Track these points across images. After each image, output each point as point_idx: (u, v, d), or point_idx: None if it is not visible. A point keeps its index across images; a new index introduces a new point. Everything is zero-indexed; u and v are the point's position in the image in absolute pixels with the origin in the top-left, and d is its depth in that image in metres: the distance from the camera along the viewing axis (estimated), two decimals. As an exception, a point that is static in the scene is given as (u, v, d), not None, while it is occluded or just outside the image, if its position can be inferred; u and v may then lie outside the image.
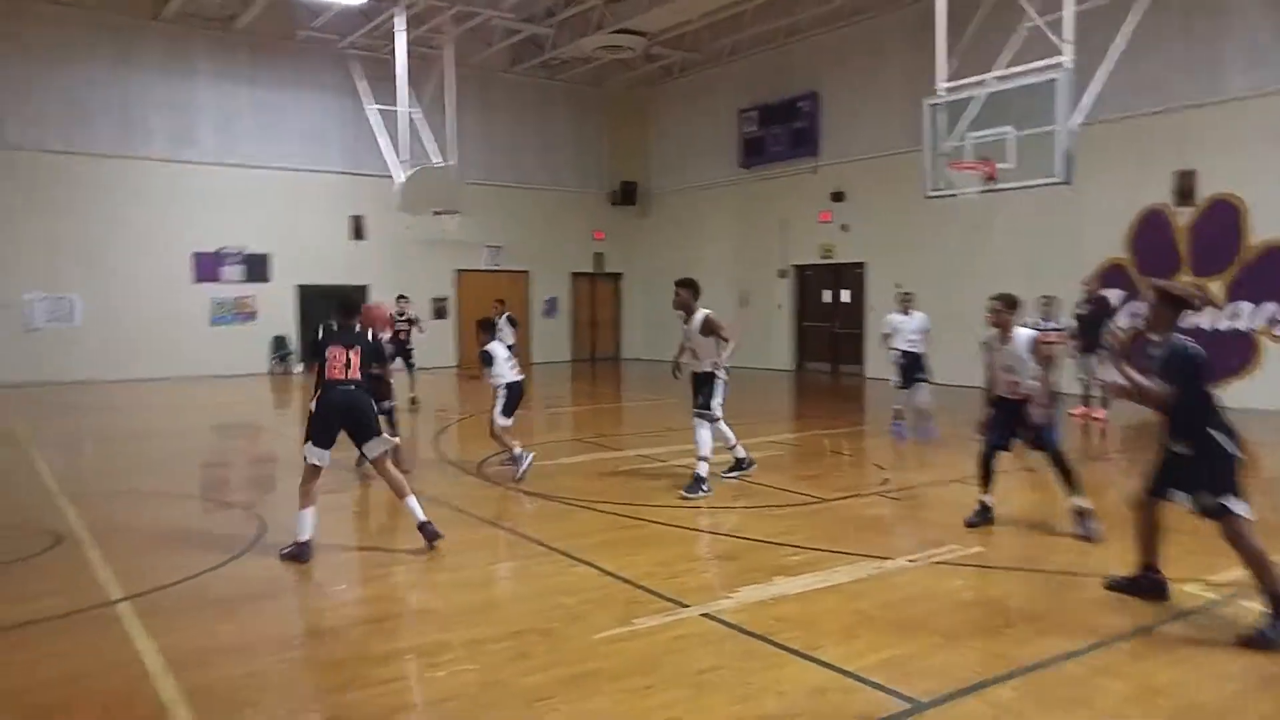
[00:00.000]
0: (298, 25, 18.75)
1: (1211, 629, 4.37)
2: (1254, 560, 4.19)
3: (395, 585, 5.36)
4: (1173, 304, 4.53)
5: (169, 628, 4.45)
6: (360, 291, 19.92)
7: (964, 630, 4.39)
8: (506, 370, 8.22)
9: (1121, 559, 5.04)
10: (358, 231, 20.00)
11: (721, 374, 7.52)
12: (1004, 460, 6.55)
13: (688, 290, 7.56)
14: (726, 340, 7.45)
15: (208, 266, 18.77)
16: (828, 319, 19.91)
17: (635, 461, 8.68)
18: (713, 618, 4.56)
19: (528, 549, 5.92)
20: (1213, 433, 4.26)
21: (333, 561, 5.84)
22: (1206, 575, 5.05)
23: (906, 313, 10.34)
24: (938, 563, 5.55)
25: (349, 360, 5.88)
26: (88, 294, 17.51)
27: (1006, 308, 6.32)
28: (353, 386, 5.88)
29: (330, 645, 4.37)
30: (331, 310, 6.23)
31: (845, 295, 19.45)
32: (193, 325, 18.48)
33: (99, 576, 5.31)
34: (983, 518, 6.33)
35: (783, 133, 20.14)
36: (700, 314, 7.50)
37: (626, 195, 23.85)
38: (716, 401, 7.51)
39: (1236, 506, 4.18)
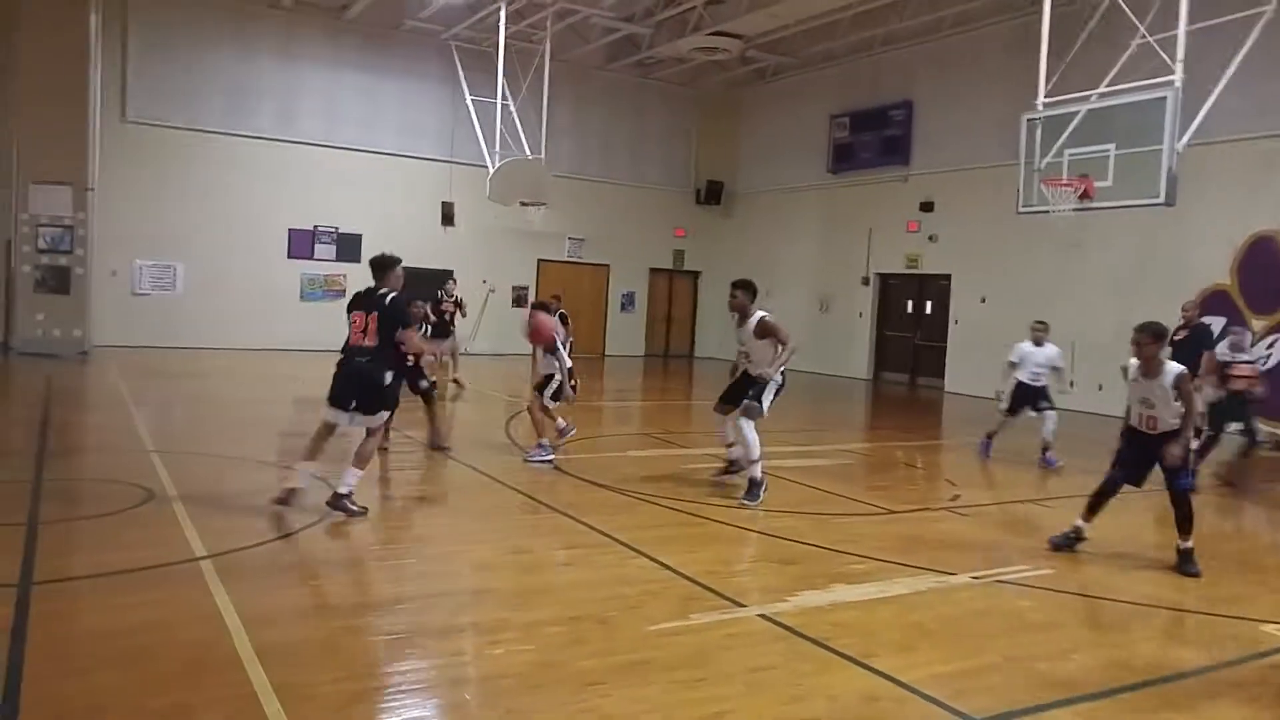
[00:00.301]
0: (405, 16, 19.32)
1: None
2: None
3: (462, 564, 5.50)
4: None
5: (245, 587, 4.65)
6: (445, 275, 20.56)
7: (1024, 652, 4.32)
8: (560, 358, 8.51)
9: (1197, 593, 4.87)
10: (447, 217, 20.48)
11: (777, 377, 7.31)
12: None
13: (745, 292, 7.40)
14: (785, 343, 7.23)
15: (302, 243, 19.49)
16: (909, 329, 19.58)
17: (702, 460, 8.71)
18: (769, 619, 4.58)
19: (591, 538, 6.00)
20: None
21: (402, 536, 6.06)
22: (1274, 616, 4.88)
23: (1039, 344, 9.90)
24: (1003, 582, 5.46)
25: (367, 326, 5.98)
26: (189, 263, 18.35)
27: (1152, 340, 5.95)
28: (366, 359, 5.99)
29: (394, 616, 4.50)
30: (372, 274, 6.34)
31: (928, 306, 19.11)
32: (285, 299, 19.16)
33: (186, 533, 5.57)
34: (1069, 541, 6.15)
35: (873, 140, 19.90)
36: (756, 316, 7.31)
37: (712, 194, 23.86)
38: (768, 401, 7.26)
39: None
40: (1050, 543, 6.15)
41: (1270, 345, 13.19)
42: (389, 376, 6.14)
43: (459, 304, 14.15)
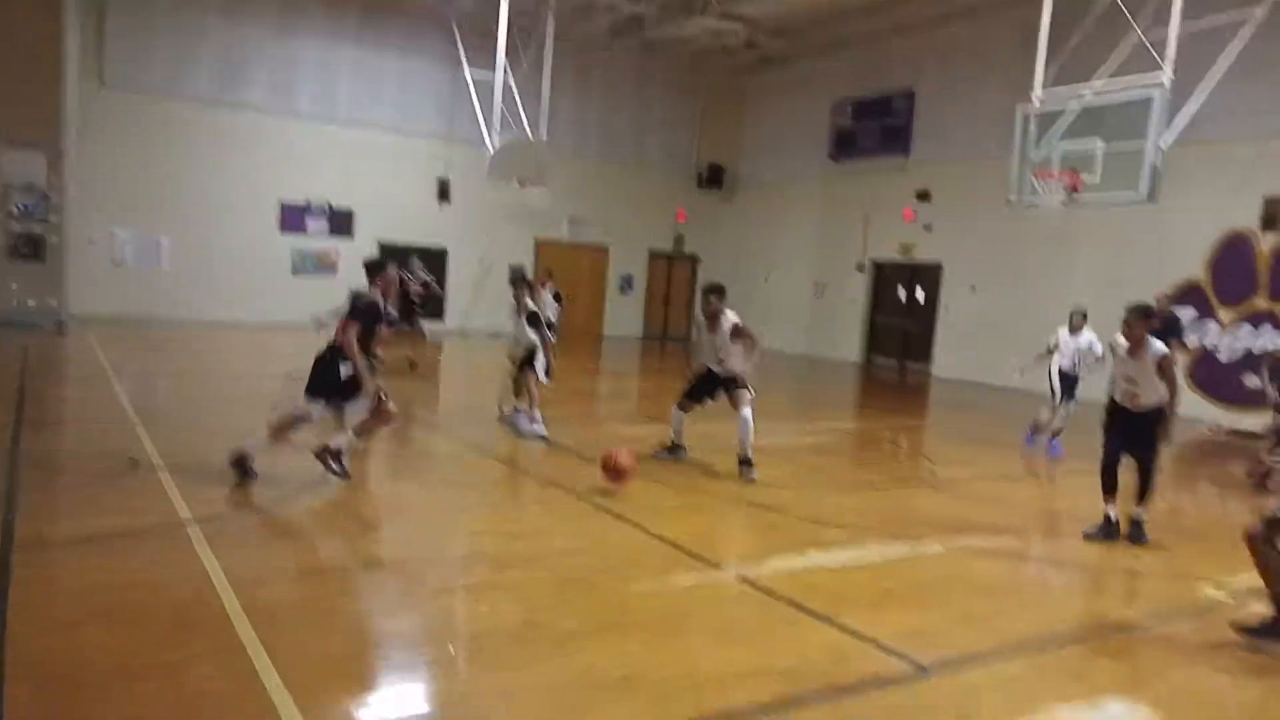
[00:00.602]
0: (406, -11, 19.21)
1: (1220, 627, 4.48)
2: (1270, 570, 4.24)
3: (451, 530, 5.70)
4: None
5: (232, 550, 4.71)
6: (440, 254, 20.74)
7: (982, 610, 4.61)
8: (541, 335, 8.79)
9: (1145, 559, 5.13)
10: (443, 194, 20.47)
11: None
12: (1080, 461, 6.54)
13: (719, 296, 7.59)
14: (758, 343, 7.51)
15: (294, 218, 19.28)
16: (900, 316, 19.83)
17: (693, 438, 8.95)
18: (747, 581, 4.83)
19: (579, 507, 6.22)
20: None
21: (392, 504, 6.27)
22: (1220, 575, 5.20)
23: (1075, 331, 9.66)
24: (969, 549, 5.74)
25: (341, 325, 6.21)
26: (175, 236, 18.09)
27: (1140, 320, 6.12)
28: (328, 355, 6.20)
29: (380, 576, 4.68)
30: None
31: (920, 294, 19.37)
32: (275, 274, 18.90)
33: (173, 500, 5.57)
34: (1104, 533, 6.11)
35: (875, 128, 20.04)
36: (729, 320, 7.55)
37: (713, 178, 23.96)
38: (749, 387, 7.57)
39: None
40: (1084, 535, 6.14)
41: (1235, 335, 13.60)
42: (344, 369, 6.19)
43: (427, 286, 13.91)
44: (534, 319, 8.81)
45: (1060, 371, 9.64)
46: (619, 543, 5.46)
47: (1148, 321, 6.15)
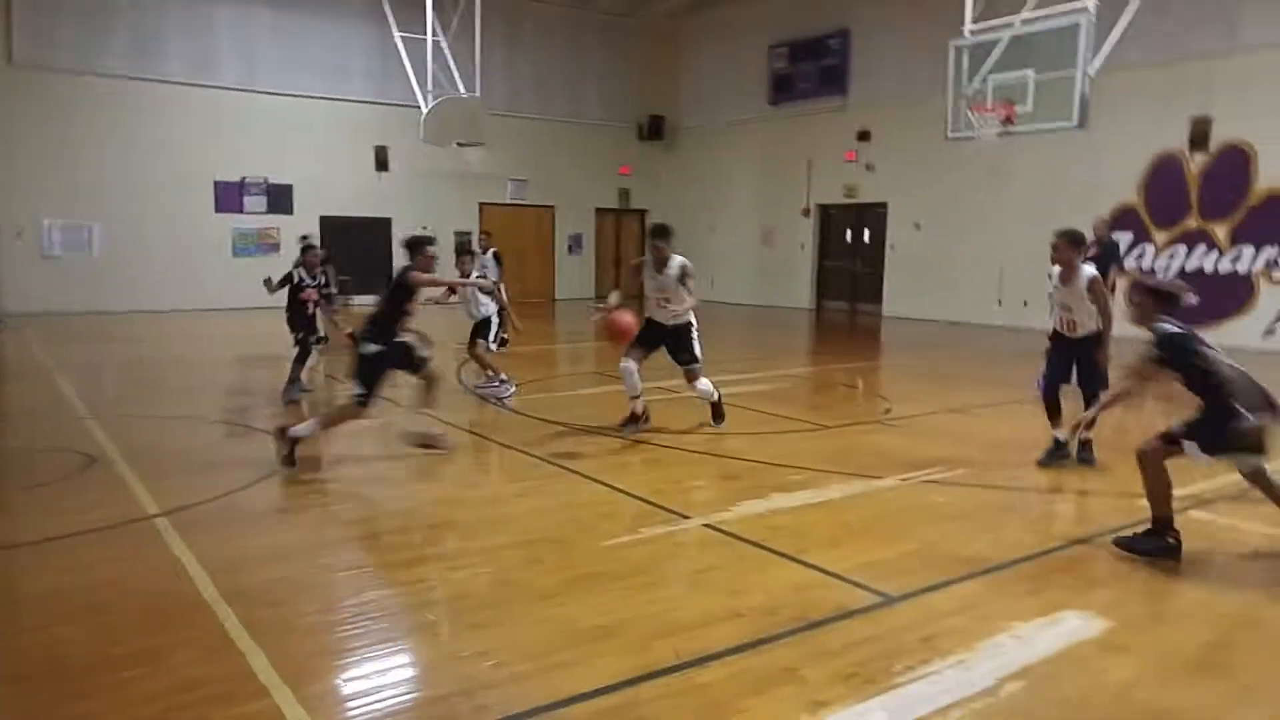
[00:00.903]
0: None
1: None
2: (1157, 486, 4.45)
3: (420, 500, 5.75)
4: (1159, 299, 4.58)
5: (205, 539, 4.69)
6: (384, 224, 20.39)
7: (938, 539, 4.81)
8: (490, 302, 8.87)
9: (1093, 479, 5.37)
10: (381, 162, 20.03)
11: (692, 318, 7.38)
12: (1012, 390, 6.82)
13: (666, 240, 7.19)
14: (691, 291, 7.23)
15: (230, 197, 18.80)
16: (848, 258, 20.07)
17: (651, 393, 9.06)
18: (712, 527, 4.97)
19: (544, 469, 6.29)
20: (1235, 403, 4.29)
21: (359, 479, 6.28)
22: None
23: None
24: (925, 482, 5.96)
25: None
26: (106, 222, 17.52)
27: (1068, 245, 6.13)
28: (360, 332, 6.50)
29: (355, 553, 4.73)
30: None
31: (866, 235, 19.60)
32: (215, 256, 18.43)
33: (135, 494, 5.51)
34: (1054, 457, 6.27)
35: (812, 70, 20.07)
36: (677, 261, 7.20)
37: (654, 130, 23.79)
38: (699, 348, 7.37)
39: (1200, 456, 4.36)
40: (1038, 463, 6.29)
41: (1170, 256, 14.08)
42: (370, 347, 6.27)
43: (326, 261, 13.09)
44: (488, 291, 8.84)
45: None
46: (587, 500, 5.56)
47: (1076, 247, 6.16)
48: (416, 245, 6.61)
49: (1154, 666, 3.38)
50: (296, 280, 8.96)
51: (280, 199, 19.33)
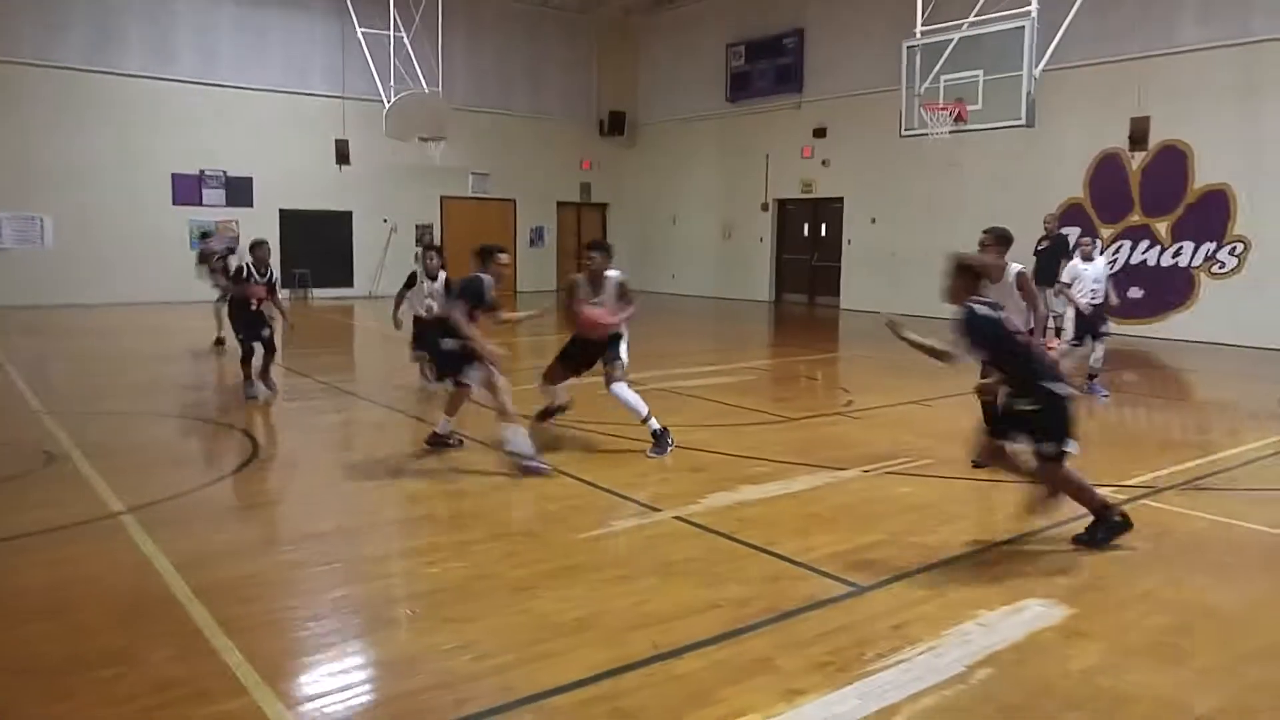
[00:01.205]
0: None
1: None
2: (1075, 491, 4.63)
3: (390, 495, 5.71)
4: (969, 275, 4.68)
5: (172, 535, 4.64)
6: (345, 218, 20.18)
7: (904, 529, 4.93)
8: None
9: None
10: (342, 156, 19.86)
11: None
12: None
13: (603, 254, 6.82)
14: (631, 303, 6.93)
15: (187, 189, 18.57)
16: (806, 252, 20.32)
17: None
18: (683, 520, 5.04)
19: (512, 463, 6.28)
20: (1049, 385, 4.48)
21: (328, 475, 6.24)
22: (1119, 480, 5.67)
23: (1089, 259, 9.07)
24: (889, 473, 6.09)
25: None
26: (59, 214, 17.22)
27: (993, 242, 6.12)
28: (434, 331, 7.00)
29: (326, 548, 4.68)
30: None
31: (823, 229, 19.87)
32: (172, 249, 17.95)
33: (98, 491, 5.44)
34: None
35: (768, 68, 20.29)
36: (614, 278, 6.82)
37: (615, 125, 23.83)
38: (625, 353, 6.92)
39: (1071, 447, 4.53)
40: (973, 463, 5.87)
41: (1116, 251, 14.50)
42: (446, 343, 6.43)
43: (229, 251, 12.27)
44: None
45: (1079, 314, 8.94)
46: (557, 493, 5.58)
47: (1000, 245, 6.14)
48: (488, 254, 6.46)
49: (1114, 652, 3.50)
50: (246, 275, 8.63)
51: (240, 192, 19.06)
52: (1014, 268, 6.21)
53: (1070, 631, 3.68)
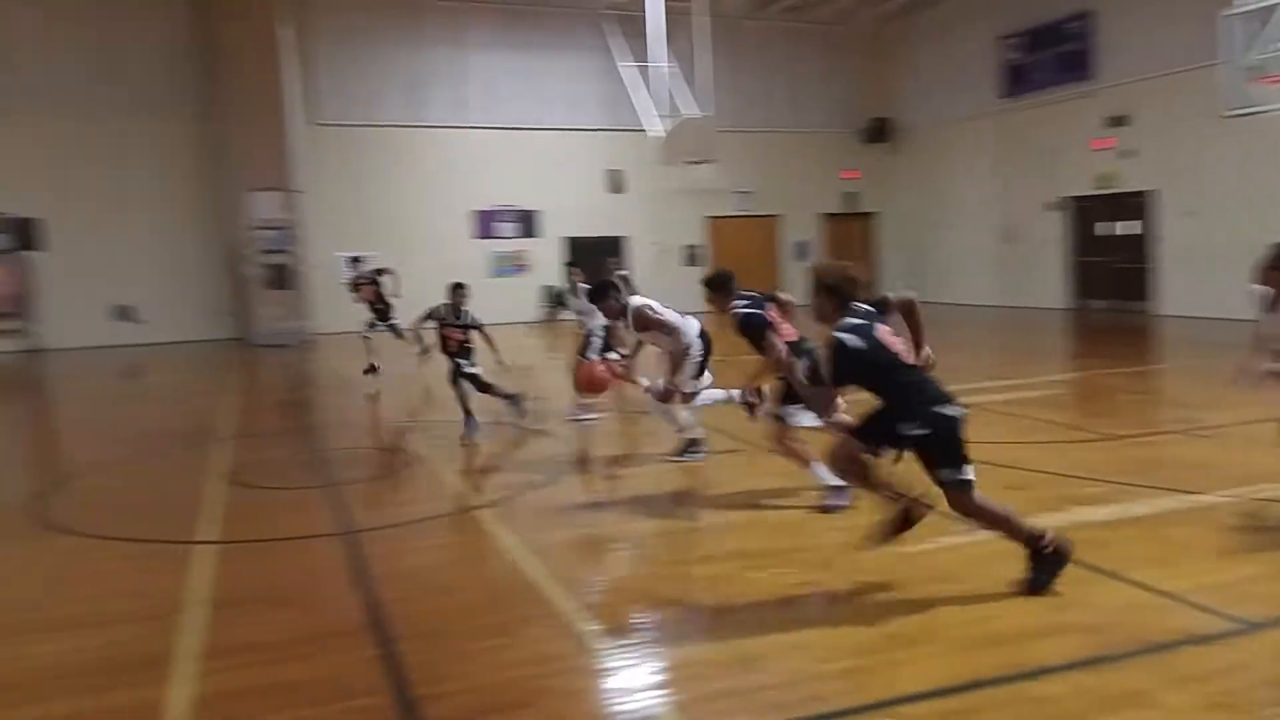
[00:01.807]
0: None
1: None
2: (993, 520, 4.01)
3: (706, 502, 5.93)
4: (831, 292, 4.10)
5: (521, 528, 5.27)
6: (619, 243, 21.31)
7: (1293, 564, 4.29)
8: None
9: None
10: (616, 184, 21.06)
11: None
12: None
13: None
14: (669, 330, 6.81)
15: (485, 223, 20.80)
16: (1105, 253, 18.52)
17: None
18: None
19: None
20: (937, 410, 3.89)
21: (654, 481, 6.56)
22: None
23: None
24: (1258, 499, 5.32)
25: None
26: (384, 252, 19.08)
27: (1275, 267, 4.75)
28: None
29: (694, 542, 5.13)
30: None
31: (1122, 227, 18.04)
32: (474, 278, 19.83)
33: (452, 489, 6.44)
34: None
35: (1049, 58, 18.86)
36: (634, 304, 6.95)
37: (878, 132, 23.32)
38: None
39: (969, 473, 3.93)
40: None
41: None
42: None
43: (378, 274, 12.92)
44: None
45: None
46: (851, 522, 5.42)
47: None
48: (715, 285, 6.18)
49: None
50: (442, 317, 8.70)
51: (528, 223, 20.98)
52: None
53: None
